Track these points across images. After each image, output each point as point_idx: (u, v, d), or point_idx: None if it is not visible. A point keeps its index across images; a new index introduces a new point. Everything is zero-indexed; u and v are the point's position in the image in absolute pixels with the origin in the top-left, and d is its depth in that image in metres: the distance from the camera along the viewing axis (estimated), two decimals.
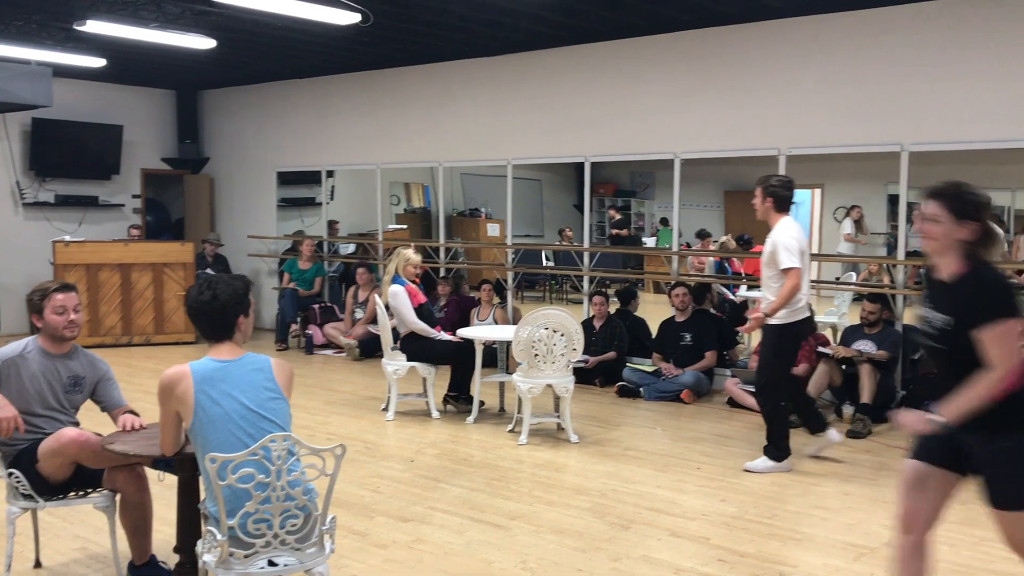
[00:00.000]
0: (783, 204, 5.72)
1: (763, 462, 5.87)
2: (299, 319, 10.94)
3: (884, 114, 7.51)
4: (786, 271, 5.53)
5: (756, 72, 8.19)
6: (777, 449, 5.86)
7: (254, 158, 12.54)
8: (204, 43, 8.72)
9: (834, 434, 6.03)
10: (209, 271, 11.62)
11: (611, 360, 8.61)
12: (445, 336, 7.41)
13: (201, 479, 3.30)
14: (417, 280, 7.47)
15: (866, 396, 6.94)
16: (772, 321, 5.65)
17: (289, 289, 11.12)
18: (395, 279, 7.24)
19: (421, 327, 7.20)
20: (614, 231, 10.28)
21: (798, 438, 6.12)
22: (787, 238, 5.59)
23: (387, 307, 7.37)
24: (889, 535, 4.68)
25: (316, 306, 10.96)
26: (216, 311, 3.30)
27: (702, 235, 10.77)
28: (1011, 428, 3.01)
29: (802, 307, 5.69)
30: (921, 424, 3.08)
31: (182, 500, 3.58)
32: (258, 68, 11.29)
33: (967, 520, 4.96)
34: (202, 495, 3.37)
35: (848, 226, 10.68)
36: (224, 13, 7.84)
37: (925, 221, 3.09)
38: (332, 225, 11.91)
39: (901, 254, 7.67)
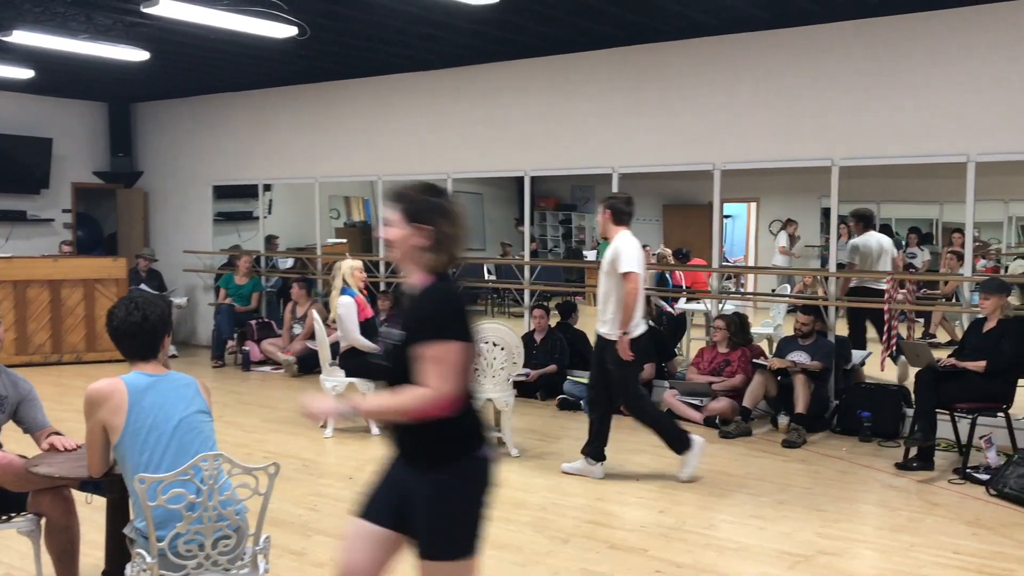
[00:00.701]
0: (621, 218, 5.88)
1: (686, 465, 5.94)
2: (236, 335, 10.77)
3: (815, 130, 7.68)
4: (625, 275, 5.65)
5: (691, 88, 8.32)
6: (677, 444, 5.92)
7: (190, 172, 12.34)
8: (137, 55, 8.58)
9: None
10: (143, 287, 11.39)
11: (552, 373, 8.64)
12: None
13: (130, 500, 3.23)
14: (365, 291, 7.40)
15: (800, 406, 7.06)
16: (610, 336, 5.75)
17: (225, 305, 10.94)
18: (345, 290, 7.14)
19: (364, 343, 7.10)
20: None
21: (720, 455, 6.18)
22: (628, 247, 5.75)
23: (326, 321, 7.29)
24: (824, 543, 4.77)
25: (253, 322, 10.79)
26: (147, 332, 3.30)
27: None
28: (443, 460, 2.73)
29: (638, 323, 5.81)
30: (328, 408, 2.96)
31: (111, 522, 3.49)
32: (193, 81, 11.13)
33: (897, 527, 5.08)
34: (131, 516, 3.29)
35: (783, 239, 10.90)
36: (157, 25, 7.72)
37: (385, 226, 2.83)
38: (271, 240, 11.76)
39: (833, 266, 7.83)
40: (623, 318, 5.70)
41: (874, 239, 8.13)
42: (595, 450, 6.06)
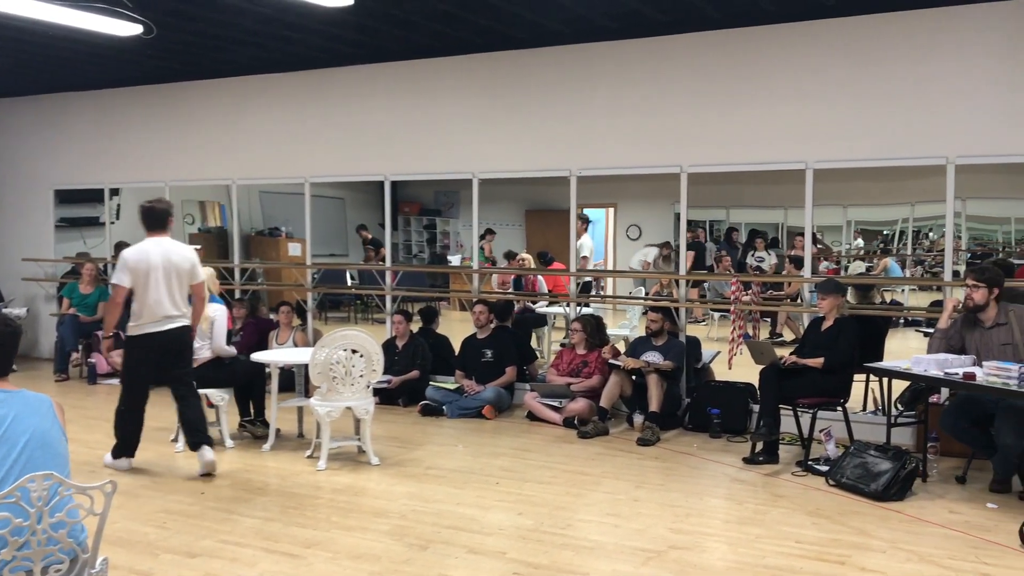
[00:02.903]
0: (147, 223, 6.35)
1: (112, 464, 6.37)
2: (81, 347, 10.25)
3: (665, 137, 7.94)
4: (112, 285, 6.22)
5: (547, 96, 8.45)
6: (116, 449, 6.38)
7: (28, 175, 11.66)
8: None
9: (209, 453, 6.22)
10: None
11: (414, 379, 8.59)
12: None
13: None
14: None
15: (654, 405, 7.27)
16: (128, 332, 6.27)
17: (69, 315, 10.39)
18: (213, 298, 7.08)
19: (228, 351, 7.09)
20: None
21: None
22: (124, 255, 6.21)
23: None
24: (676, 538, 4.92)
25: (99, 333, 10.28)
26: (15, 345, 3.24)
27: (509, 256, 11.00)
28: None
29: (147, 322, 6.15)
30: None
31: None
32: (32, 79, 10.53)
33: (744, 519, 5.29)
34: None
35: (651, 256, 11.13)
36: None
37: None
38: (124, 246, 11.21)
39: (683, 269, 8.09)
40: (106, 321, 6.39)
41: (588, 240, 9.28)
42: (195, 438, 6.30)
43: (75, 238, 11.68)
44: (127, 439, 6.34)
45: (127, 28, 7.14)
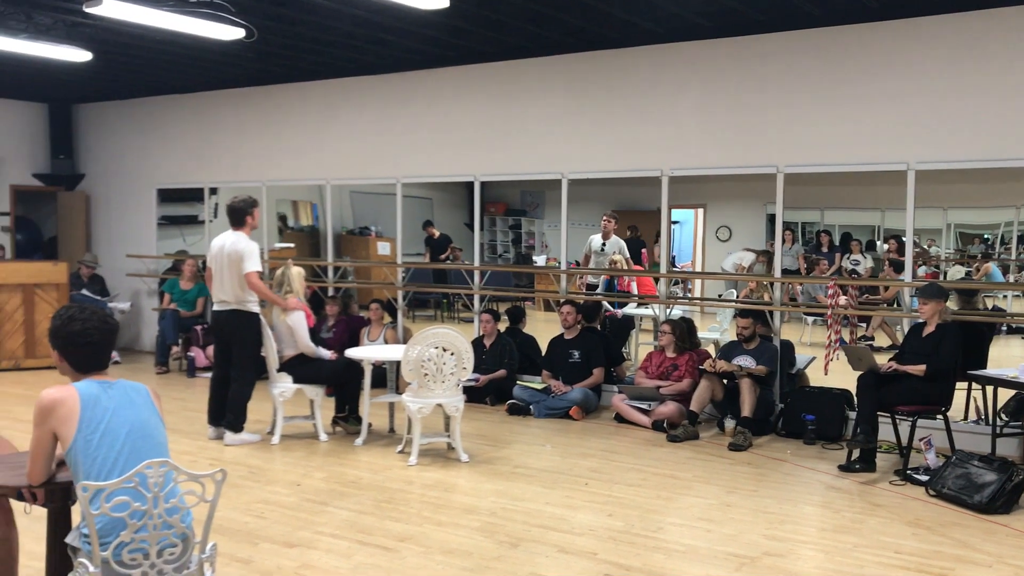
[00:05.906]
0: (229, 220, 7.04)
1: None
2: (181, 341, 10.61)
3: (760, 137, 7.80)
4: None
5: (638, 95, 8.40)
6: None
7: (133, 175, 12.13)
8: (79, 55, 8.41)
9: (227, 436, 7.07)
10: (85, 292, 11.16)
11: (501, 378, 8.65)
12: (328, 355, 7.41)
13: (74, 508, 3.17)
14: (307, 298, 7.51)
15: (746, 410, 7.15)
16: None
17: (170, 310, 10.77)
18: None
19: (314, 349, 7.22)
20: None
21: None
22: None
23: (271, 327, 7.23)
24: (770, 544, 4.84)
25: (198, 327, 10.63)
26: (113, 342, 3.38)
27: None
28: None
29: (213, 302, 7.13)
30: None
31: (52, 532, 3.41)
32: (137, 82, 10.95)
33: (840, 528, 5.17)
34: (75, 523, 3.22)
35: (747, 261, 10.94)
36: (100, 25, 7.58)
37: None
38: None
39: (778, 272, 7.95)
40: None
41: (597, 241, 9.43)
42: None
43: (176, 235, 12.10)
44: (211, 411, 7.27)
45: (230, 32, 7.36)
